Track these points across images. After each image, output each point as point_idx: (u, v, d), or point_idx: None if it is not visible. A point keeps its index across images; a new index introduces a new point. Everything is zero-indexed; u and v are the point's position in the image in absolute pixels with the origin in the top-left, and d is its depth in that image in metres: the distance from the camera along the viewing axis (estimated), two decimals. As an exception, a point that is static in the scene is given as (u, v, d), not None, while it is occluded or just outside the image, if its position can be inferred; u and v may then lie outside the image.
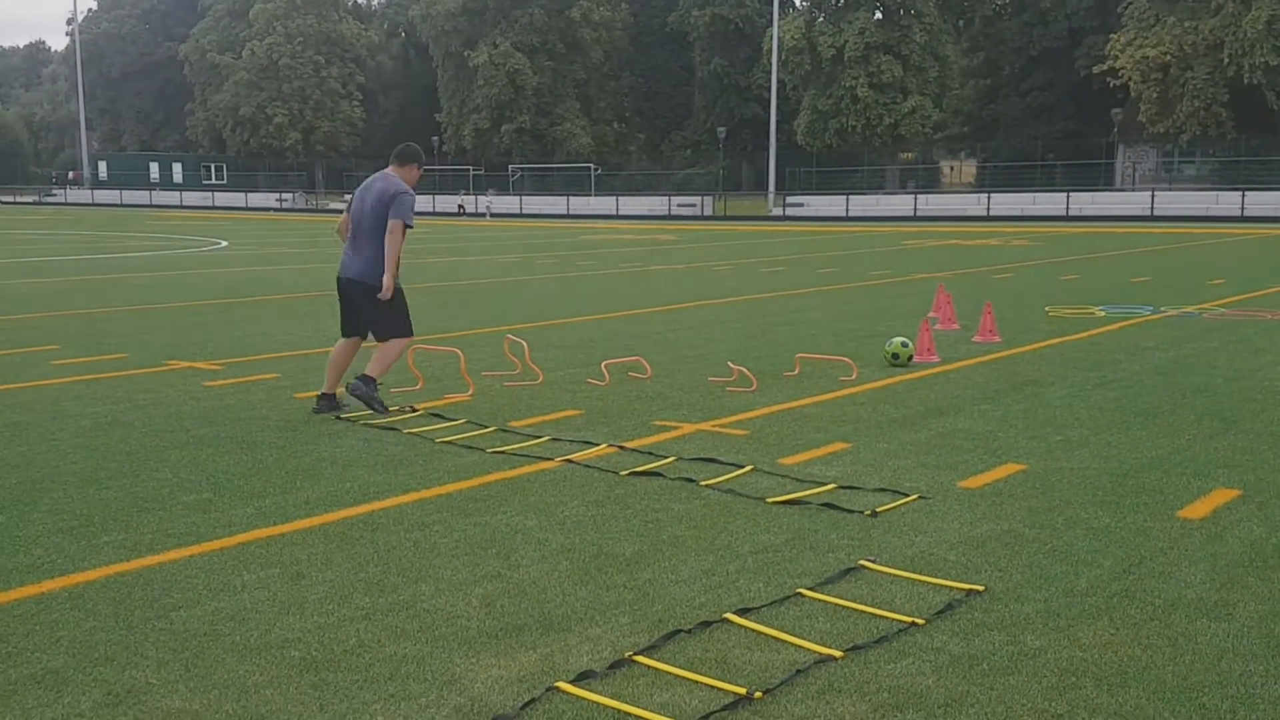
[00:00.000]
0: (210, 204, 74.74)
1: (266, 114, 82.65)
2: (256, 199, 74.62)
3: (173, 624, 3.80)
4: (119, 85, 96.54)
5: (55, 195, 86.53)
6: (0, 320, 12.60)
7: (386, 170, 7.48)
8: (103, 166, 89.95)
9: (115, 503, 5.24)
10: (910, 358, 9.13)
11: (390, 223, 7.20)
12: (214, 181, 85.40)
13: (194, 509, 5.14)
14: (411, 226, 7.31)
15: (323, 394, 7.46)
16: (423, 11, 79.04)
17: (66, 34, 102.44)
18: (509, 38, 75.29)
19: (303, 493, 5.41)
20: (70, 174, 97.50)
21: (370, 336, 7.55)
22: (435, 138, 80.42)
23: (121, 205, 76.55)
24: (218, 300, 14.93)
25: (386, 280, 7.25)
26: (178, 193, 79.31)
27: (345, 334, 7.57)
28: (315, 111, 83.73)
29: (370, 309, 7.39)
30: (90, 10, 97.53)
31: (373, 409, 7.26)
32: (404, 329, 7.52)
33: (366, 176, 7.88)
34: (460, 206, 61.02)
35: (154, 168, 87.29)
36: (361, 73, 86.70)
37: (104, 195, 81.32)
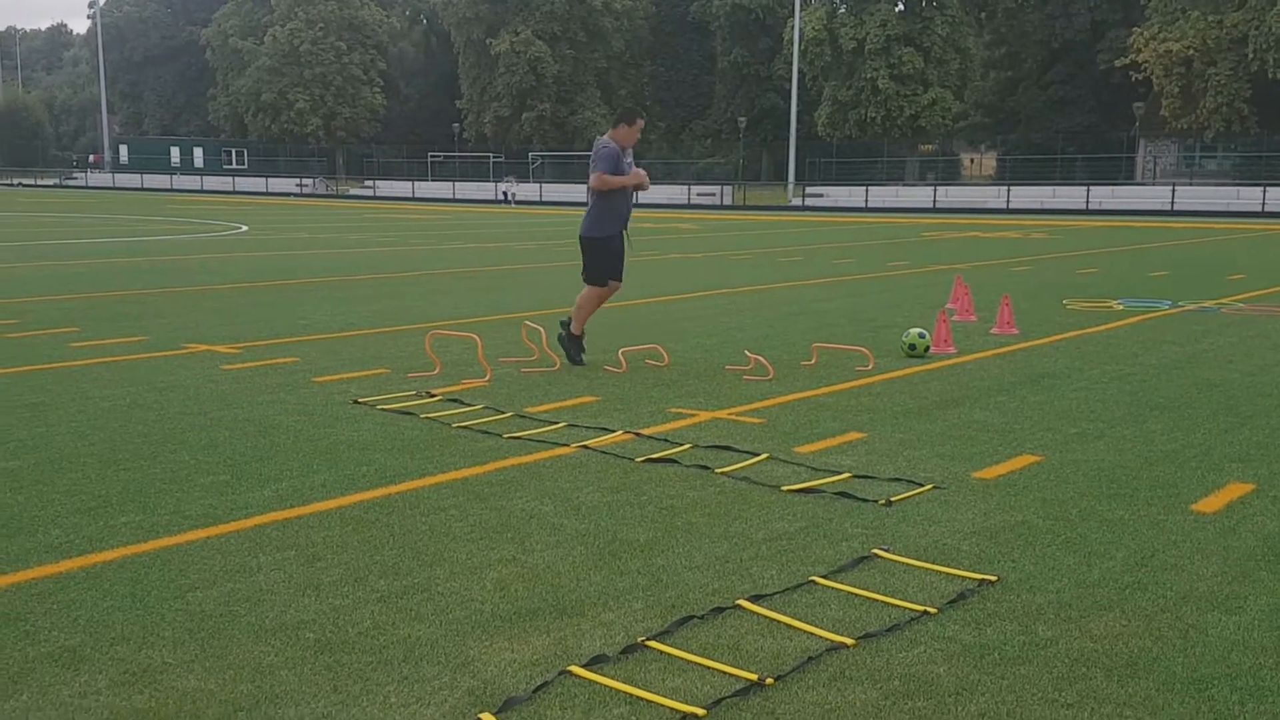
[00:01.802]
0: (231, 189, 75.01)
1: (288, 99, 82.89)
2: (277, 184, 74.86)
3: (189, 604, 3.84)
4: (141, 69, 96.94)
5: (76, 179, 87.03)
6: (21, 302, 12.71)
7: (609, 130, 8.72)
8: (124, 150, 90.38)
9: (133, 484, 5.29)
10: (927, 349, 9.12)
11: (591, 179, 8.56)
12: (235, 166, 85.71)
13: (211, 491, 5.19)
14: (607, 174, 8.50)
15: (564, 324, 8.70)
16: (445, -2, 79.14)
17: (88, 17, 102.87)
18: (530, 25, 75.28)
19: (319, 476, 5.45)
20: (91, 157, 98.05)
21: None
22: (456, 125, 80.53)
23: (142, 189, 76.92)
24: (237, 284, 15.01)
25: (627, 181, 8.67)
26: (198, 177, 79.65)
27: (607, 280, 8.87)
28: (336, 98, 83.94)
29: (583, 255, 8.81)
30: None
31: (569, 356, 8.57)
32: (595, 278, 8.72)
33: (386, 163, 8.25)
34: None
35: (175, 152, 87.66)
36: (383, 59, 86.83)
37: (125, 179, 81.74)
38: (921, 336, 9.13)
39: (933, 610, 3.81)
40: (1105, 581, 4.11)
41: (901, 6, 64.86)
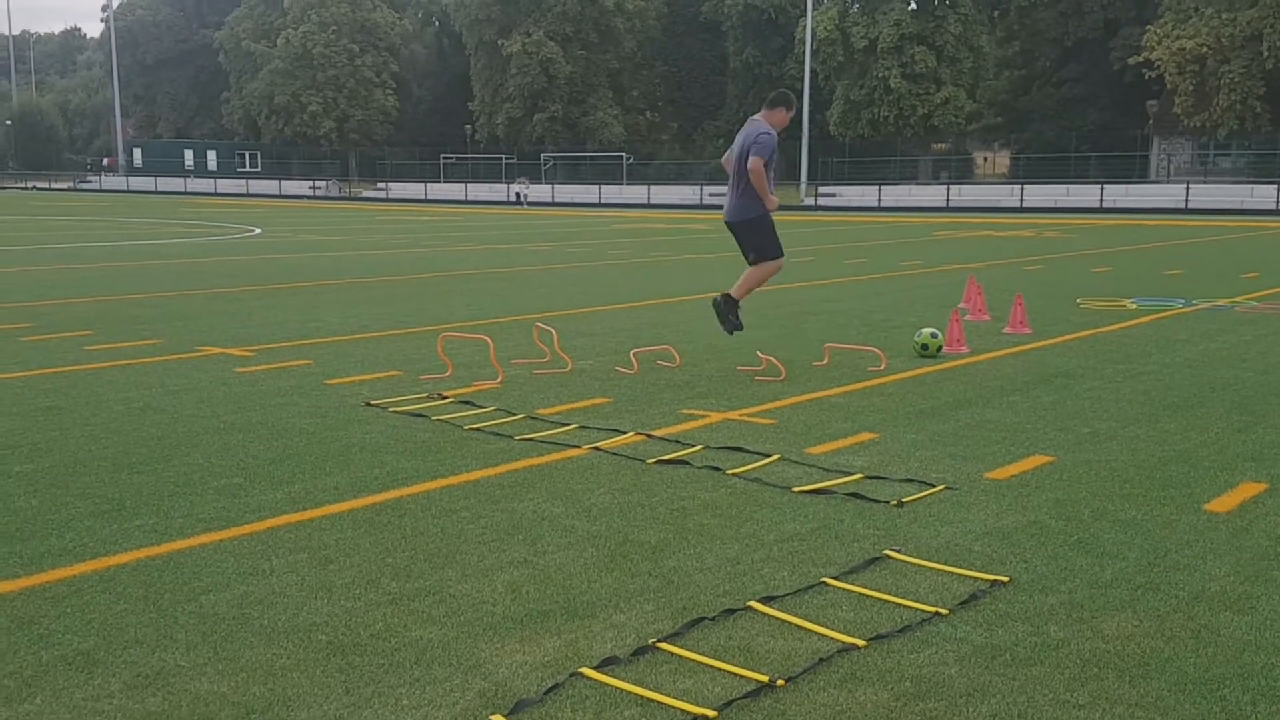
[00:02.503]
0: (244, 191, 75.30)
1: (301, 102, 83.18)
2: (290, 187, 75.15)
3: (202, 607, 3.86)
4: (154, 72, 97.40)
5: (90, 182, 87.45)
6: (35, 305, 12.78)
7: (756, 116, 8.56)
8: (137, 153, 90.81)
9: (147, 487, 5.31)
10: (940, 348, 9.10)
11: (750, 160, 8.23)
12: (248, 169, 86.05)
13: (224, 494, 5.21)
14: (769, 162, 8.26)
15: (727, 294, 8.68)
16: (456, 0, 79.22)
17: (101, 20, 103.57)
18: (542, 27, 75.37)
19: (332, 478, 5.47)
20: (105, 161, 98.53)
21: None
22: (468, 126, 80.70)
23: (156, 192, 77.26)
24: (250, 287, 15.07)
25: (770, 202, 8.41)
26: (212, 180, 79.97)
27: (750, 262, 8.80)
28: (349, 100, 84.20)
29: (748, 237, 8.61)
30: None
31: (724, 326, 8.68)
32: (774, 252, 8.67)
33: (399, 165, 8.23)
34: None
35: (189, 155, 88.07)
36: (395, 61, 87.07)
37: (139, 182, 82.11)
38: (934, 336, 9.11)
39: (944, 611, 3.80)
40: (1117, 582, 4.10)
41: (914, 5, 64.71)
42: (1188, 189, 47.10)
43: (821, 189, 55.68)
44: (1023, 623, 3.73)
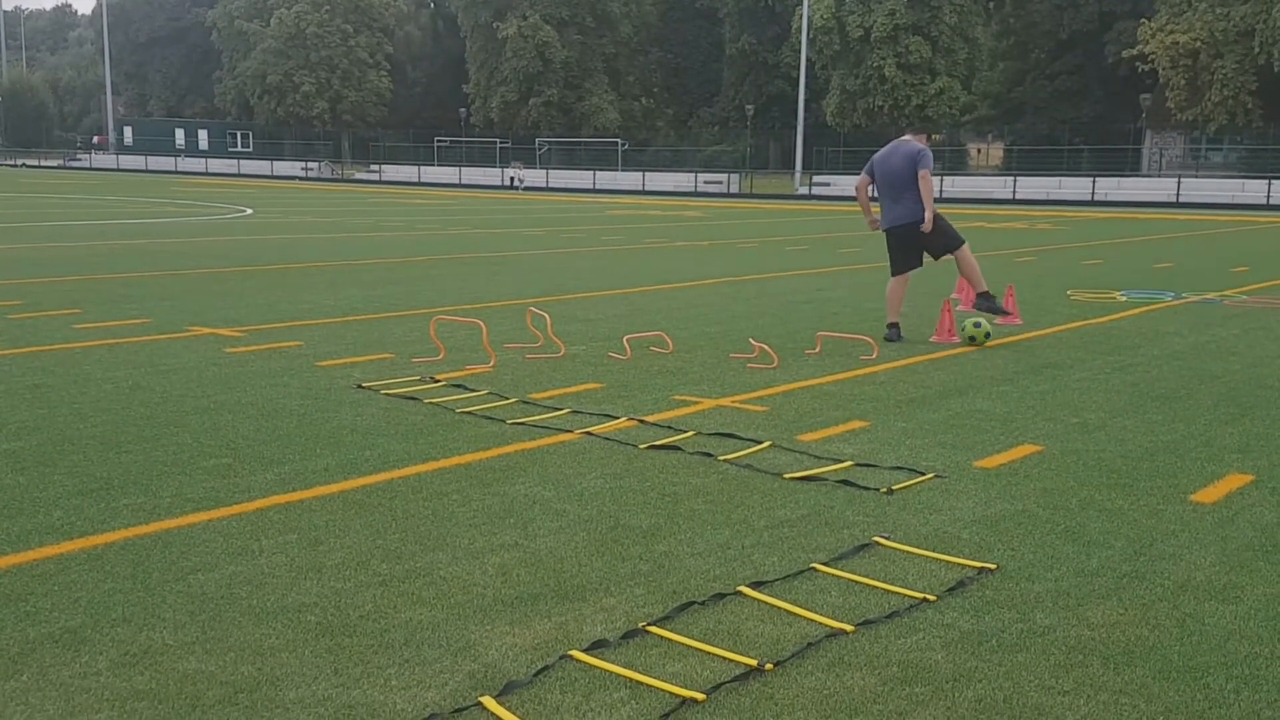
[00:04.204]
0: (236, 172, 74.98)
1: (294, 82, 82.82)
2: (282, 168, 74.84)
3: (190, 586, 3.86)
4: (146, 50, 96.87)
5: (80, 160, 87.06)
6: (24, 284, 12.73)
7: (904, 138, 9.77)
8: (128, 132, 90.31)
9: (135, 466, 5.31)
10: (988, 335, 9.23)
11: (920, 172, 9.34)
12: (240, 149, 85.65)
13: (213, 474, 5.20)
14: (931, 172, 9.44)
15: (891, 324, 9.54)
16: (451, -18, 78.99)
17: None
18: (538, 10, 75.10)
19: (322, 460, 5.47)
20: (95, 139, 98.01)
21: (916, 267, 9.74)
22: (463, 109, 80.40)
23: (147, 171, 76.92)
24: (241, 267, 15.02)
25: (928, 216, 9.38)
26: (203, 160, 79.62)
27: (896, 273, 9.75)
28: (343, 81, 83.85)
29: (924, 240, 9.57)
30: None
31: (996, 312, 9.68)
32: (959, 240, 9.64)
33: (392, 147, 8.24)
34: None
35: (180, 134, 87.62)
36: (390, 43, 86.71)
37: (129, 161, 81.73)
38: (977, 326, 9.21)
39: (932, 598, 3.82)
40: (1104, 570, 4.13)
41: (909, -6, 64.65)
42: (1179, 183, 47.14)
43: (816, 178, 55.63)
44: (1009, 610, 3.75)
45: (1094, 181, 48.96)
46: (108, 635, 3.46)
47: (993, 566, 4.13)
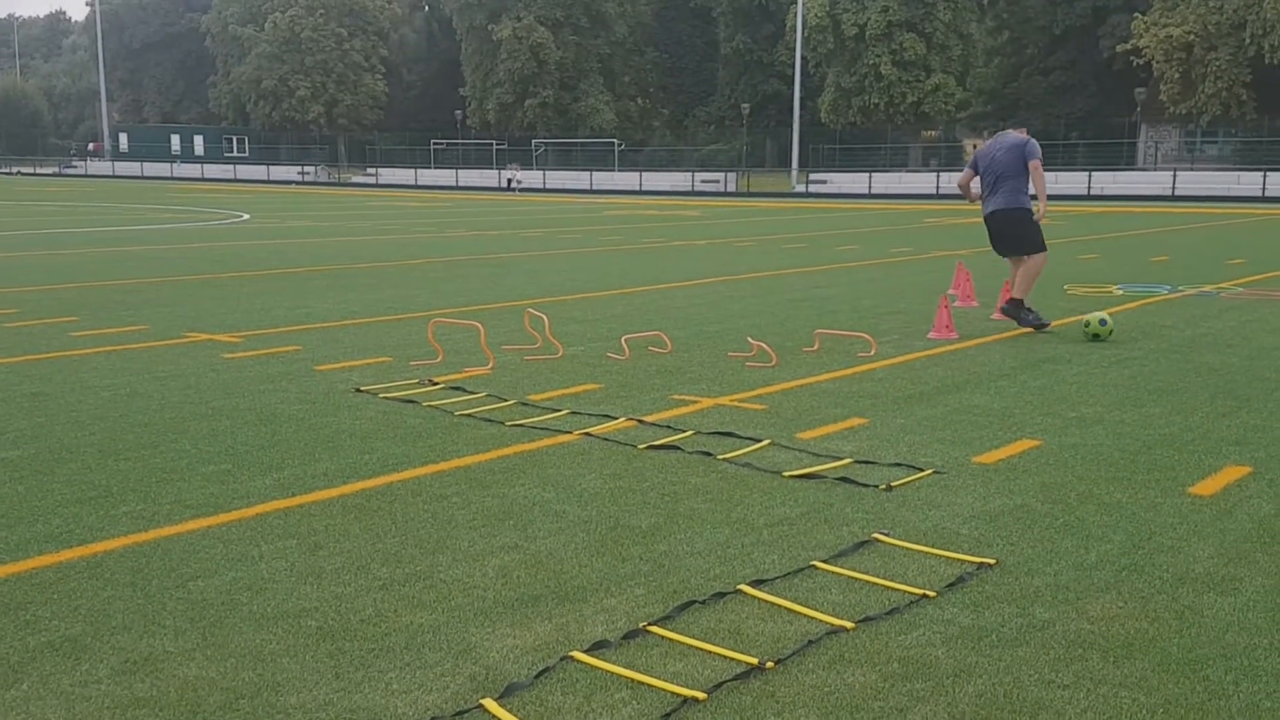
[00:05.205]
0: (232, 177, 74.95)
1: (289, 87, 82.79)
2: (279, 172, 74.80)
3: (190, 593, 3.86)
4: (140, 56, 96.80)
5: (76, 167, 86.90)
6: (21, 291, 12.72)
7: (1006, 131, 10.13)
8: (123, 138, 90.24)
9: (134, 473, 5.31)
10: (1111, 332, 9.28)
11: (1031, 163, 9.67)
12: (236, 154, 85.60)
13: (212, 480, 5.21)
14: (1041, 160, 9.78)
15: (1012, 299, 9.81)
16: (445, -16, 78.98)
17: (87, 4, 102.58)
18: (533, 11, 75.11)
19: (321, 464, 5.47)
20: (91, 145, 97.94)
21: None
22: (458, 111, 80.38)
23: (142, 177, 76.85)
24: (238, 273, 15.02)
25: (1042, 206, 9.75)
26: (199, 165, 79.57)
27: (1003, 255, 10.21)
28: (338, 85, 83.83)
29: (1022, 228, 9.81)
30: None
31: (1026, 323, 9.65)
32: (1043, 245, 9.86)
33: (389, 150, 8.25)
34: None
35: (175, 140, 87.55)
36: (385, 46, 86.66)
37: (125, 167, 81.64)
38: (1103, 324, 9.27)
39: (931, 594, 3.83)
40: (1103, 564, 4.13)
41: (903, -9, 64.71)
42: (1175, 176, 47.17)
43: (813, 176, 55.64)
44: (1009, 604, 3.75)
45: (1090, 176, 48.99)
46: (108, 643, 3.46)
47: (992, 561, 4.14)
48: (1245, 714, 3.04)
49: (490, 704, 3.06)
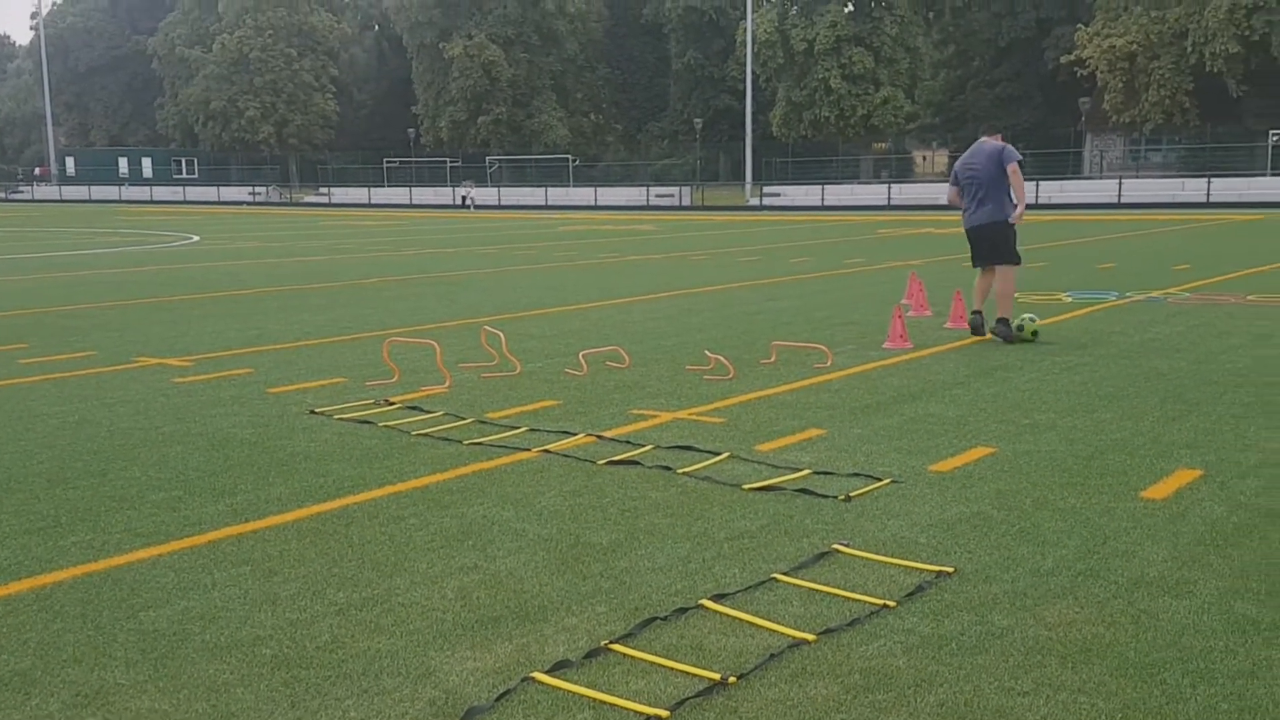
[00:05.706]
0: (181, 199, 74.12)
1: (238, 107, 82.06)
2: (229, 193, 74.07)
3: (141, 624, 3.79)
4: (86, 79, 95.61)
5: (22, 192, 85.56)
6: (-31, 319, 12.49)
7: (981, 139, 10.16)
8: (70, 162, 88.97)
9: (83, 502, 5.21)
10: (1035, 334, 9.61)
11: (1009, 166, 9.72)
12: (185, 176, 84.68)
13: (163, 507, 5.12)
14: (1022, 162, 9.84)
15: (974, 311, 9.93)
16: (396, 3, 78.64)
17: (31, 28, 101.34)
18: (483, 29, 75.04)
19: (275, 488, 5.41)
20: (37, 170, 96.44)
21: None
22: (411, 130, 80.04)
23: (90, 201, 75.80)
24: (188, 296, 14.84)
25: (1020, 208, 9.83)
26: (148, 188, 78.59)
27: (979, 266, 10.16)
28: (288, 105, 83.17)
29: (1000, 238, 9.87)
30: (55, 4, 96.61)
31: (1009, 339, 9.52)
32: (1017, 257, 9.93)
33: (341, 169, 8.18)
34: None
35: (123, 162, 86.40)
36: (335, 65, 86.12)
37: (72, 191, 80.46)
38: (1030, 320, 9.68)
39: (892, 604, 3.84)
40: (1058, 570, 4.16)
41: (851, 7, 65.34)
42: (1120, 184, 47.85)
43: (766, 189, 55.92)
44: (968, 612, 3.77)
45: (1037, 185, 49.48)
46: (58, 676, 3.39)
47: (950, 570, 4.16)
48: (1202, 717, 3.06)
49: (451, 728, 3.02)
